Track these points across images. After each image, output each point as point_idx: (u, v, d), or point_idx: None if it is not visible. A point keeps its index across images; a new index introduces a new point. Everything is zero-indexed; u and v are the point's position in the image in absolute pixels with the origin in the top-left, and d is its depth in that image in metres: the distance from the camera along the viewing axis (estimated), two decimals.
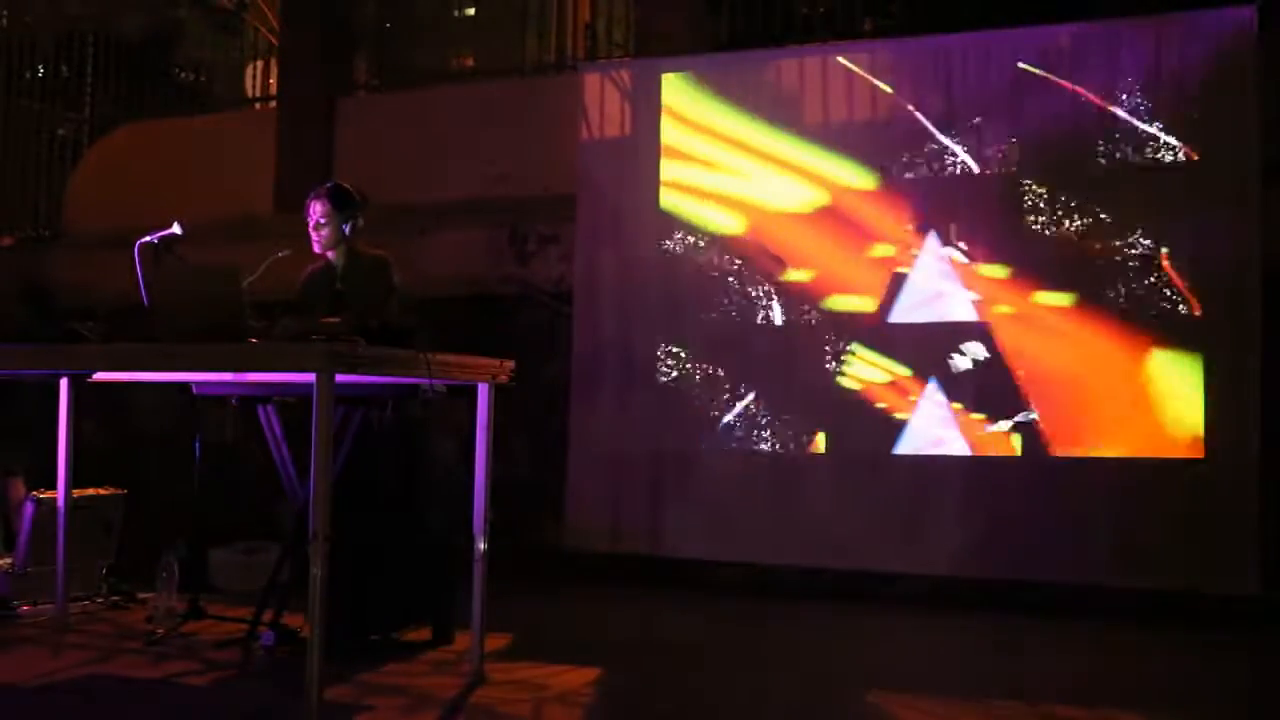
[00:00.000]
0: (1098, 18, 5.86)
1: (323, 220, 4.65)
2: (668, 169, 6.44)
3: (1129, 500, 5.54)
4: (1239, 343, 5.43)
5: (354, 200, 4.72)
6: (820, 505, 6.01)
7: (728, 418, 6.26)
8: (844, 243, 6.10)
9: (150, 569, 4.83)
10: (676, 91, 6.46)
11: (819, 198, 6.17)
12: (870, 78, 6.12)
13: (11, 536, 5.45)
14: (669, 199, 6.43)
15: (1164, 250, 5.59)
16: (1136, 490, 5.54)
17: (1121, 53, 5.72)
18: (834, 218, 6.13)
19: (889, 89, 6.09)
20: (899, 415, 5.96)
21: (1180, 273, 5.57)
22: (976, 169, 5.92)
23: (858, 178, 6.11)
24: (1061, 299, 5.75)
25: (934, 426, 5.89)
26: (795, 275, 6.19)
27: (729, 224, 6.33)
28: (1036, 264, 5.79)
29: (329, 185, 4.77)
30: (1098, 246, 5.69)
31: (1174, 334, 5.56)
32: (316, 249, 4.71)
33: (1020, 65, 5.85)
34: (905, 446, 5.95)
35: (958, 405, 5.86)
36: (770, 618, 5.58)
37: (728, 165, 6.32)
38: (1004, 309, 5.83)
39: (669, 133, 6.45)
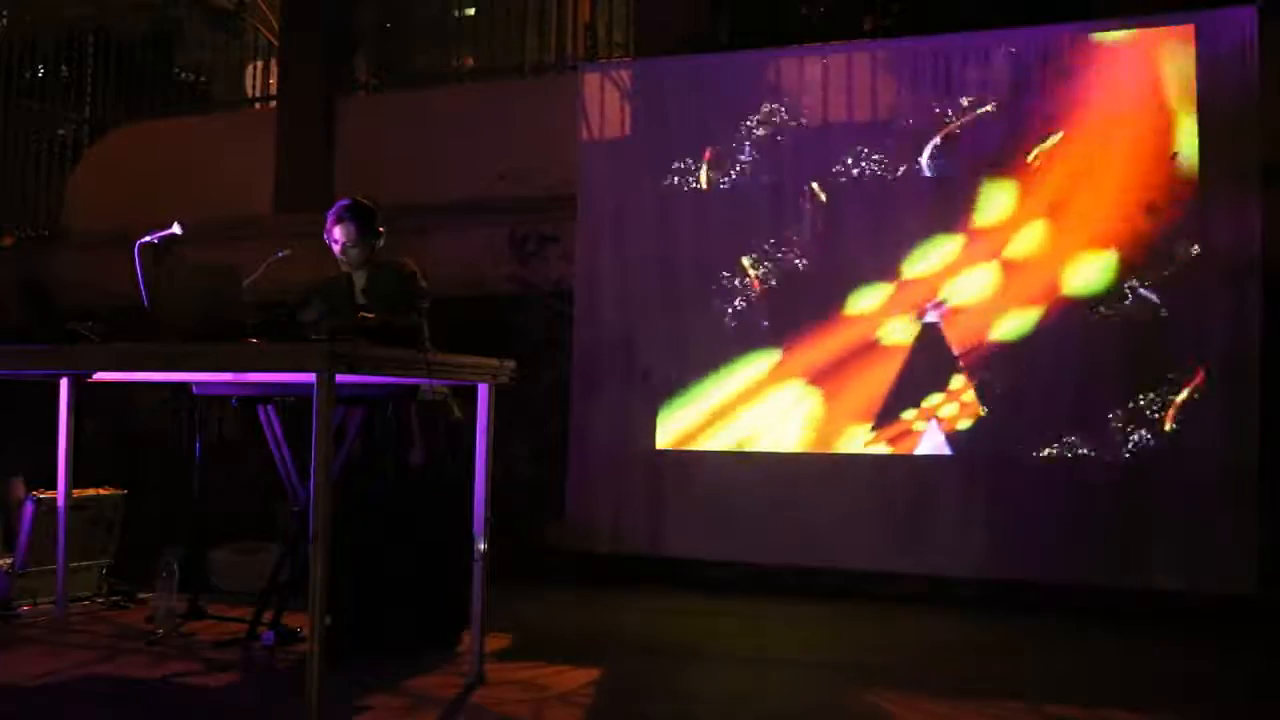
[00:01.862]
0: (1098, 18, 5.86)
1: (351, 244, 4.61)
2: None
3: (1129, 500, 5.54)
4: (1239, 343, 5.43)
5: (375, 215, 4.67)
6: (820, 505, 6.01)
7: (728, 417, 6.26)
8: (844, 241, 6.10)
9: (150, 569, 4.83)
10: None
11: (818, 198, 6.17)
12: (870, 77, 6.13)
13: (11, 536, 5.45)
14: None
15: (1164, 249, 5.59)
16: (1136, 490, 5.54)
17: (1122, 52, 5.72)
18: (833, 217, 6.13)
19: (889, 89, 6.09)
20: (900, 414, 5.96)
21: (1180, 272, 5.57)
22: (976, 169, 5.91)
23: (857, 178, 6.11)
24: (1060, 299, 5.75)
25: (933, 425, 5.90)
26: (793, 275, 6.20)
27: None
28: (1035, 264, 5.79)
29: (349, 205, 4.68)
30: (1098, 245, 5.69)
31: (1174, 333, 5.55)
32: (345, 269, 4.68)
33: (1019, 65, 5.86)
34: (906, 446, 5.95)
35: (957, 403, 5.86)
36: (770, 618, 5.57)
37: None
38: (1002, 308, 5.83)
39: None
